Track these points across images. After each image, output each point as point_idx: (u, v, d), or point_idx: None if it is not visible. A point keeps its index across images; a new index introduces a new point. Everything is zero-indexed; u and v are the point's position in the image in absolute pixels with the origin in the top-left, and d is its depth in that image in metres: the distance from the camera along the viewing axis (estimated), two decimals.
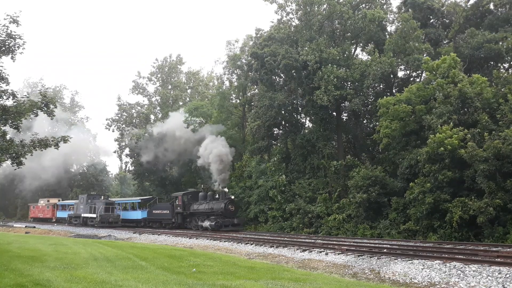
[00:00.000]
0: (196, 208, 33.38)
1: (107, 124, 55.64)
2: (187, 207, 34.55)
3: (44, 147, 16.86)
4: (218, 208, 30.75)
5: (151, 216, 39.02)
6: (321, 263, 15.72)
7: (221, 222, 30.10)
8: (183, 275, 11.00)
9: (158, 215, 38.08)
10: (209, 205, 31.84)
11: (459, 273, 11.67)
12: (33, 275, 10.04)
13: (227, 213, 30.49)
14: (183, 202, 34.90)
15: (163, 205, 39.09)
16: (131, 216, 42.67)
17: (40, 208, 54.89)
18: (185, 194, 35.61)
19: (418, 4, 29.71)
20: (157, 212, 38.28)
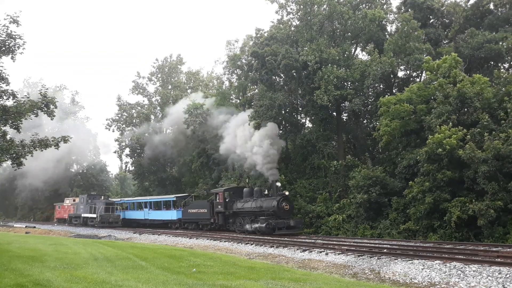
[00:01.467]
0: (240, 207, 28.32)
1: (107, 124, 55.67)
2: (230, 206, 29.39)
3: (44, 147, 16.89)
4: (269, 207, 25.67)
5: (186, 216, 34.04)
6: (321, 263, 15.72)
7: (274, 224, 24.71)
8: (183, 275, 11.00)
9: (195, 215, 33.07)
10: (257, 203, 26.73)
11: (459, 273, 11.66)
12: (33, 275, 10.05)
13: (280, 212, 25.35)
14: (225, 199, 29.71)
15: (201, 203, 33.72)
16: (164, 217, 37.87)
17: (66, 208, 50.35)
18: (226, 190, 30.52)
19: (418, 4, 29.73)
20: (193, 212, 33.21)
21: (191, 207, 33.60)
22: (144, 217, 40.46)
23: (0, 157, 15.97)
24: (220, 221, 30.23)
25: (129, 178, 65.83)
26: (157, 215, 38.85)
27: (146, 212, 40.22)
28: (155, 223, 39.07)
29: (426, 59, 24.86)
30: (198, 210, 32.66)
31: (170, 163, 51.88)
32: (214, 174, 41.14)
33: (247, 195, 28.61)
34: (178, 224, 35.63)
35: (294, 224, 25.22)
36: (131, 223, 42.78)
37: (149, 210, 39.85)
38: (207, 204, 31.73)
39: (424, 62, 24.97)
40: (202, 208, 32.14)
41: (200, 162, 42.28)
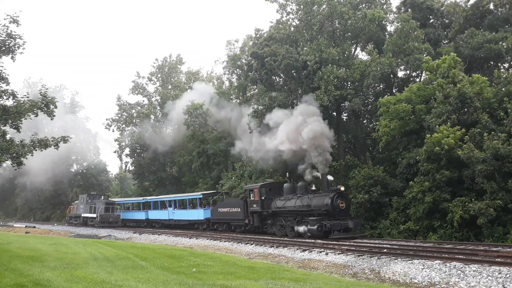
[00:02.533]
0: (281, 206, 24.47)
1: (107, 124, 55.67)
2: (267, 204, 25.64)
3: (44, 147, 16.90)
4: (320, 205, 21.69)
5: (215, 216, 30.49)
6: (321, 263, 15.72)
7: (330, 226, 20.57)
8: (183, 275, 11.00)
9: (226, 215, 29.37)
10: (303, 201, 22.78)
11: (459, 273, 11.67)
12: (33, 275, 10.05)
13: (335, 212, 21.24)
14: (261, 197, 26.01)
15: (232, 201, 29.87)
16: (190, 216, 34.14)
17: None
18: (263, 186, 26.71)
19: (417, 4, 29.73)
20: (224, 211, 29.51)
21: (222, 206, 29.99)
22: (168, 217, 36.84)
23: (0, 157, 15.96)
24: (255, 222, 26.48)
25: (129, 178, 65.83)
26: (182, 215, 35.08)
27: (170, 212, 36.54)
28: (181, 223, 35.42)
29: (426, 59, 24.87)
30: (229, 209, 28.90)
31: (170, 163, 51.88)
32: (214, 173, 41.18)
33: (288, 192, 24.81)
34: (206, 225, 32.08)
35: (353, 226, 20.94)
36: (148, 225, 40.38)
37: (173, 210, 36.10)
38: (240, 203, 28.03)
39: (423, 62, 24.98)
40: (234, 207, 28.50)
41: (200, 162, 42.31)
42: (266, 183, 27.70)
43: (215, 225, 31.16)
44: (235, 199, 30.32)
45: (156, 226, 38.87)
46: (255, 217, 26.52)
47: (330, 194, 21.70)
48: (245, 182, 34.53)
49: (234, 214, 28.38)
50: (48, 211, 64.61)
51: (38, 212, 66.76)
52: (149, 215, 40.05)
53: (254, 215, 26.64)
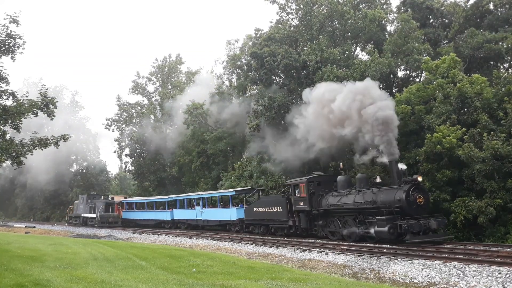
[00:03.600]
0: (335, 203, 20.27)
1: (107, 124, 55.66)
2: (317, 202, 21.50)
3: (44, 146, 16.90)
4: (391, 201, 17.46)
5: (251, 216, 26.65)
6: (321, 263, 15.73)
7: (406, 227, 16.25)
8: (183, 275, 11.00)
9: (264, 216, 25.25)
10: (367, 196, 18.56)
11: (459, 273, 11.67)
12: (33, 275, 10.05)
13: (411, 209, 17.07)
14: (309, 192, 21.70)
15: (272, 199, 25.58)
16: (221, 216, 30.34)
17: None
18: (311, 180, 22.11)
19: (417, 4, 29.72)
20: (261, 211, 25.49)
21: (258, 205, 26.05)
22: (196, 217, 33.03)
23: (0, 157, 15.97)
24: (302, 223, 22.35)
25: (128, 178, 65.85)
26: (212, 215, 31.29)
27: (198, 211, 32.70)
28: (210, 224, 31.78)
29: (425, 59, 24.87)
30: (268, 208, 24.81)
31: (170, 163, 51.89)
32: (214, 173, 41.19)
33: (344, 186, 20.73)
34: (239, 227, 28.42)
35: (437, 227, 16.59)
36: (174, 226, 36.79)
37: (202, 209, 32.10)
38: (281, 201, 23.90)
39: (423, 62, 24.97)
40: (274, 205, 24.36)
41: (200, 162, 42.33)
42: (314, 176, 22.81)
43: (250, 227, 27.31)
44: (275, 197, 25.92)
45: (182, 227, 35.46)
46: (302, 217, 22.30)
47: (404, 186, 17.47)
48: (245, 182, 34.53)
49: (275, 214, 24.21)
50: (48, 211, 64.60)
51: (38, 212, 66.75)
52: (175, 215, 36.25)
53: (300, 215, 22.44)
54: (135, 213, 41.75)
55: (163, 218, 37.63)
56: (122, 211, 43.11)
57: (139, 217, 40.95)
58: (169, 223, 37.03)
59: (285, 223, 23.55)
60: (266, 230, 26.00)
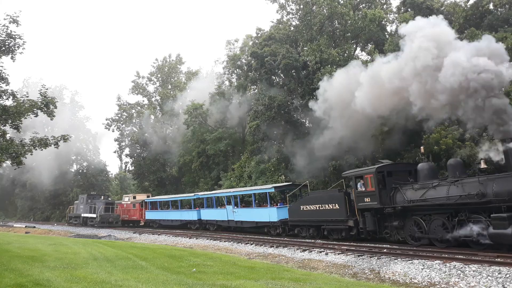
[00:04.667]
0: (418, 197, 16.16)
1: (107, 124, 55.67)
2: (389, 197, 17.42)
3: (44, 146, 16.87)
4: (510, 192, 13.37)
5: (296, 216, 22.63)
6: (321, 263, 15.73)
7: None
8: (183, 275, 11.00)
9: (313, 215, 21.18)
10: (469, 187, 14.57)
11: (459, 273, 11.67)
12: (33, 275, 10.05)
13: None
14: (379, 185, 17.66)
15: (325, 195, 21.23)
16: (257, 217, 26.28)
17: (125, 207, 42.89)
18: (381, 170, 17.98)
19: (417, 4, 29.73)
20: (309, 210, 21.40)
21: (306, 202, 21.94)
22: (227, 217, 29.30)
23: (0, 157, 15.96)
24: (368, 224, 18.18)
25: (128, 178, 65.88)
26: (247, 215, 27.41)
27: (229, 211, 28.93)
28: (244, 226, 27.84)
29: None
30: (320, 206, 20.83)
31: (169, 163, 51.92)
32: (214, 173, 41.19)
33: (428, 176, 16.75)
34: (280, 229, 24.52)
35: None
36: (201, 227, 33.10)
37: (234, 208, 28.36)
38: (338, 197, 19.88)
39: None
40: (328, 202, 20.34)
41: (200, 162, 42.34)
42: (385, 164, 18.77)
43: (296, 229, 23.18)
44: (329, 192, 21.65)
45: (211, 229, 31.86)
46: (368, 217, 18.26)
47: None
48: (244, 182, 34.53)
49: (329, 213, 20.26)
50: (48, 211, 64.63)
51: (38, 212, 66.78)
52: (202, 214, 32.65)
53: (366, 214, 18.40)
54: (159, 213, 38.26)
55: (189, 218, 33.93)
56: (145, 211, 39.86)
57: (163, 217, 37.54)
58: (195, 224, 33.44)
59: (343, 223, 19.54)
60: (316, 232, 21.81)
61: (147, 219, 39.59)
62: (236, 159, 38.93)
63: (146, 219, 39.71)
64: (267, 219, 25.17)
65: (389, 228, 17.89)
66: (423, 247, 15.84)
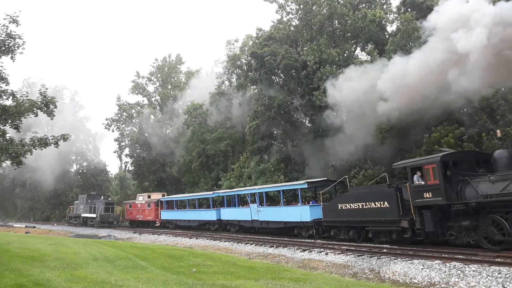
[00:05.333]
0: (498, 191, 13.65)
1: (107, 124, 55.66)
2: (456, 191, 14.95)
3: (44, 146, 16.87)
4: None
5: (333, 216, 19.85)
6: (321, 263, 15.73)
7: None
8: (183, 275, 11.00)
9: (355, 215, 18.45)
10: None
11: (459, 273, 11.67)
12: (33, 275, 10.04)
13: None
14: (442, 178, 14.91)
15: (369, 190, 18.38)
16: (286, 217, 23.73)
17: (139, 207, 40.71)
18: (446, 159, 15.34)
19: (417, 4, 29.73)
20: (350, 208, 18.70)
21: (345, 200, 19.13)
22: (250, 217, 26.67)
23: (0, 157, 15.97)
24: (428, 224, 15.39)
25: (128, 178, 65.93)
26: (274, 215, 24.84)
27: (254, 210, 26.39)
28: (271, 227, 25.52)
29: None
30: (363, 204, 18.08)
31: (169, 163, 51.94)
32: (214, 173, 41.21)
33: (508, 165, 14.22)
34: (313, 230, 21.84)
35: None
36: (220, 228, 30.69)
37: (259, 207, 25.84)
38: (388, 193, 17.04)
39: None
40: (374, 199, 17.55)
41: (200, 162, 42.35)
42: (449, 152, 16.19)
43: (332, 230, 20.30)
44: (373, 188, 18.87)
45: (232, 230, 29.19)
46: (428, 216, 15.38)
47: None
48: (244, 182, 34.52)
49: (375, 212, 17.46)
50: (48, 211, 64.64)
51: (38, 212, 66.79)
52: (222, 214, 30.16)
53: (424, 213, 15.59)
54: (175, 212, 35.90)
55: (207, 218, 31.51)
56: (161, 210, 37.59)
57: (180, 217, 35.11)
58: (214, 224, 30.96)
59: (395, 224, 16.71)
60: (357, 234, 19.03)
61: (162, 220, 37.24)
62: (236, 159, 38.94)
63: (161, 220, 37.42)
64: (298, 218, 22.48)
65: (456, 229, 14.93)
66: (422, 247, 15.84)
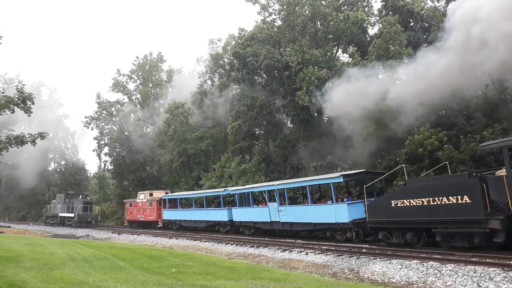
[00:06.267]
0: None
1: (86, 122, 54.77)
2: None
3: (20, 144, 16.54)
4: None
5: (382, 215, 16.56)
6: (301, 263, 15.79)
7: None
8: (163, 275, 10.90)
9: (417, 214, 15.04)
10: None
11: (436, 273, 11.88)
12: (8, 276, 9.80)
13: None
14: None
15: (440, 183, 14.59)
16: (311, 217, 20.19)
17: (139, 206, 37.23)
18: None
19: (398, 7, 30.18)
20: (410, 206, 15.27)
21: (403, 195, 15.64)
22: (270, 218, 23.01)
23: None
24: None
25: (107, 177, 65.13)
26: (300, 215, 21.02)
27: (273, 210, 22.76)
28: (296, 229, 21.88)
29: (403, 62, 25.27)
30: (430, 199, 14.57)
31: (150, 162, 51.47)
32: (195, 173, 40.99)
33: None
34: (352, 233, 18.39)
35: None
36: (232, 230, 27.01)
37: (279, 206, 22.23)
38: (468, 185, 13.40)
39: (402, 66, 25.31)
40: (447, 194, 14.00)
41: (181, 161, 42.07)
42: None
43: (380, 233, 16.93)
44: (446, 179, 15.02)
45: (246, 233, 25.55)
46: None
47: None
48: (225, 183, 34.42)
49: (448, 210, 13.95)
50: (24, 210, 63.31)
51: (13, 211, 65.33)
52: (234, 215, 26.46)
53: None
54: (179, 212, 32.42)
55: (217, 218, 28.02)
56: (163, 210, 34.19)
57: (185, 217, 31.63)
58: (225, 226, 27.45)
59: (480, 225, 13.15)
60: (417, 238, 15.79)
61: (164, 220, 33.93)
62: (217, 159, 38.83)
63: (163, 220, 34.15)
64: (332, 219, 18.98)
65: None
66: (401, 247, 16.05)
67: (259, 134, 38.57)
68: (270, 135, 34.84)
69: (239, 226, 26.40)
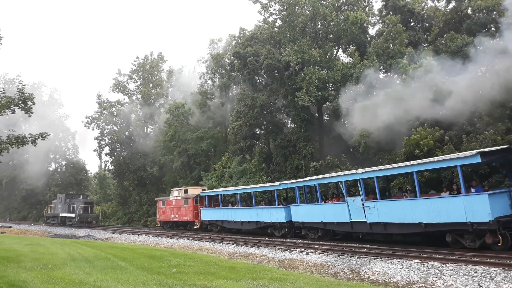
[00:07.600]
0: None
1: (87, 122, 54.75)
2: None
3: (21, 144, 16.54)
4: None
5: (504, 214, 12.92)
6: (302, 262, 15.78)
7: None
8: (163, 275, 10.89)
9: None
10: None
11: (436, 272, 11.87)
12: (8, 276, 9.81)
13: None
14: None
15: None
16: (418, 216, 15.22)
17: (173, 205, 32.88)
18: None
19: (399, 7, 30.17)
20: None
21: None
22: (349, 218, 18.28)
23: None
24: None
25: (108, 177, 65.16)
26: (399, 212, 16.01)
27: (354, 207, 18.07)
28: (391, 232, 16.99)
29: (403, 62, 25.28)
30: None
31: (150, 162, 51.49)
32: (195, 173, 40.98)
33: None
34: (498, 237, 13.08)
35: None
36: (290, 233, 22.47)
37: (364, 202, 17.51)
38: None
39: (401, 66, 25.32)
40: None
41: (181, 161, 42.07)
42: None
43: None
44: None
45: (311, 237, 20.97)
46: None
47: None
48: (226, 182, 34.42)
49: None
50: (24, 210, 63.33)
51: (14, 211, 65.36)
52: (294, 214, 21.92)
53: None
54: (221, 211, 27.75)
55: (271, 219, 23.33)
56: (201, 208, 30.11)
57: (228, 217, 26.92)
58: (282, 228, 23.01)
59: None
60: None
61: (203, 220, 29.58)
62: (218, 159, 38.83)
63: (201, 220, 29.84)
64: (462, 218, 13.80)
65: None
66: (402, 246, 16.02)
67: (260, 134, 38.59)
68: (271, 135, 34.85)
69: (300, 229, 21.68)
